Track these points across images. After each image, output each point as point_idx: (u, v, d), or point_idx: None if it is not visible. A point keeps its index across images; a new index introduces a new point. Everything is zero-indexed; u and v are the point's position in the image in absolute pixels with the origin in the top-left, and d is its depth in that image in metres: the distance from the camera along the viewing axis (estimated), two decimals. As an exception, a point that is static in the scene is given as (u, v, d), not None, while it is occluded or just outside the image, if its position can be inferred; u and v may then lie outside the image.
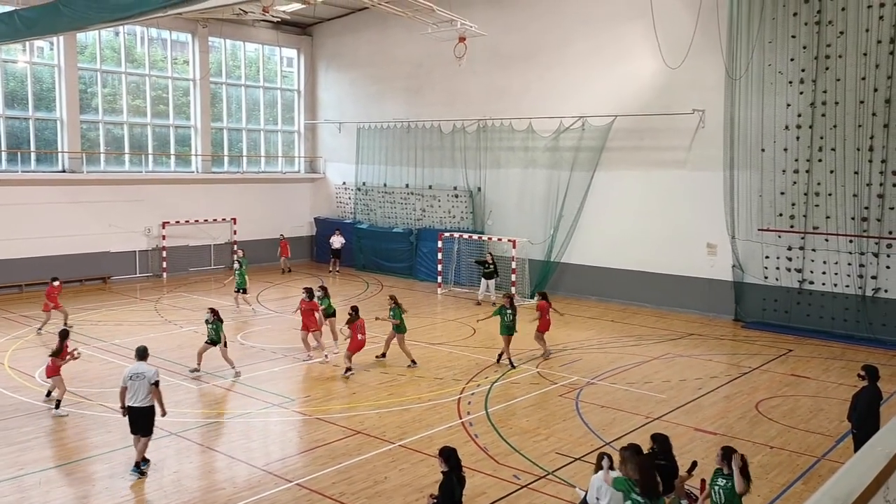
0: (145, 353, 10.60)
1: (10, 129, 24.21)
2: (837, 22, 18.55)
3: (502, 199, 25.76)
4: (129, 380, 10.14)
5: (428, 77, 27.65)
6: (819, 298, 19.35)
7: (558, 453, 11.05)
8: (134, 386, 10.12)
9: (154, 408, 10.28)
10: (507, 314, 15.77)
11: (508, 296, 16.72)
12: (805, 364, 16.51)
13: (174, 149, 28.51)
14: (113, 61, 26.73)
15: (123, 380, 10.22)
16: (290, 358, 16.36)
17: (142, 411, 10.15)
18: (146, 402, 10.15)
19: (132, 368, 10.28)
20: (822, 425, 12.49)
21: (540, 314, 16.60)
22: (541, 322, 16.58)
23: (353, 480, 10.03)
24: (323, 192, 32.38)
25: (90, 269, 25.27)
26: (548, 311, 16.66)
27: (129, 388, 10.14)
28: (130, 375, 10.17)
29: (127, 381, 10.16)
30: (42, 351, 16.50)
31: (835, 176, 18.85)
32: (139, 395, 10.11)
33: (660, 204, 22.06)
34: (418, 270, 27.40)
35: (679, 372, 15.69)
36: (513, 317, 15.81)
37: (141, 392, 10.11)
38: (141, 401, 10.11)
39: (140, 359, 10.46)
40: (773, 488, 9.95)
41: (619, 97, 22.51)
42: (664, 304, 22.12)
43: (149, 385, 10.14)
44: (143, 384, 10.12)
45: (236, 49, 30.51)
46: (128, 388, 10.15)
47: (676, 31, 20.05)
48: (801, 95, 19.20)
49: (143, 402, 10.12)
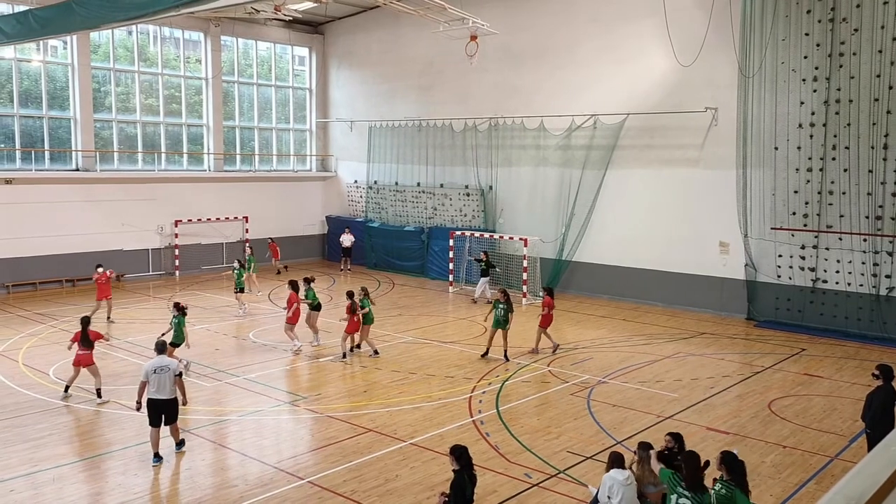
0: (164, 347, 11.07)
1: (25, 127, 24.41)
2: (852, 19, 18.40)
3: (514, 197, 25.74)
4: (153, 373, 10.43)
5: (439, 75, 27.65)
6: (833, 297, 19.22)
7: (569, 452, 11.03)
8: (158, 379, 10.43)
9: (177, 399, 10.70)
10: (499, 308, 15.92)
11: (503, 290, 16.79)
12: (818, 363, 16.40)
13: (187, 147, 28.66)
14: (126, 60, 26.89)
15: (145, 374, 10.48)
16: (301, 355, 16.42)
17: (168, 402, 10.53)
18: (171, 394, 10.54)
19: (155, 362, 10.56)
20: (835, 425, 12.40)
21: (545, 309, 16.61)
22: (542, 317, 16.60)
23: (364, 478, 10.05)
24: (334, 190, 32.45)
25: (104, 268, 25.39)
26: (551, 306, 16.63)
27: (152, 382, 10.42)
28: (154, 369, 10.46)
29: (150, 375, 10.43)
30: (56, 348, 16.65)
31: (849, 174, 18.71)
32: (164, 387, 10.45)
33: (672, 202, 21.98)
34: (429, 269, 27.42)
35: (691, 371, 15.63)
36: (504, 311, 15.87)
37: (166, 384, 10.46)
38: (167, 393, 10.49)
39: (160, 353, 10.81)
40: (785, 488, 9.90)
41: (631, 95, 22.42)
42: (676, 303, 22.03)
43: (173, 377, 10.55)
44: (168, 376, 10.49)
45: (248, 48, 30.61)
46: (150, 382, 10.43)
47: (689, 29, 19.97)
48: (814, 93, 19.07)
49: (169, 393, 10.51)
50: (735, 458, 7.34)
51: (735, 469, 7.24)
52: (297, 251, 30.90)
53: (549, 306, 16.68)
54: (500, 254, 25.50)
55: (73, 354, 13.23)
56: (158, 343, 11.07)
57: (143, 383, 10.51)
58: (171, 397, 10.56)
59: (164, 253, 27.20)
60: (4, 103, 23.99)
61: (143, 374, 10.56)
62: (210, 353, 16.41)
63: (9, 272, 23.32)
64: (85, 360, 13.05)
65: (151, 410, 10.50)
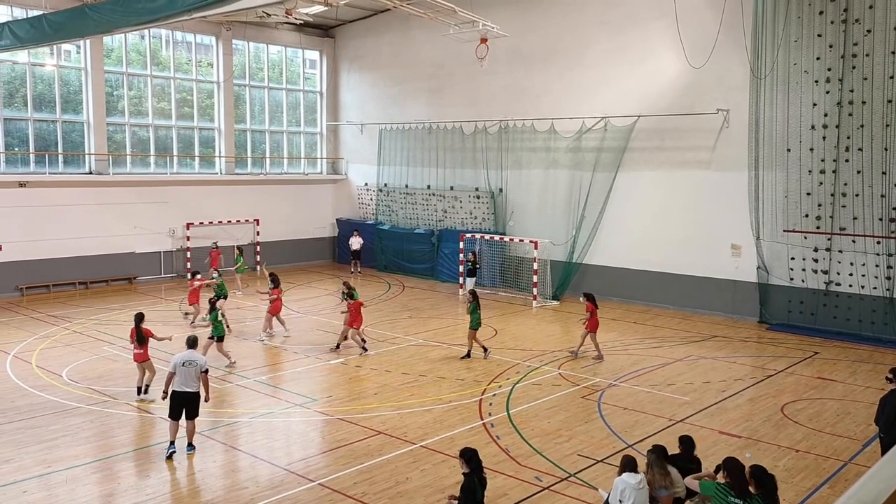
0: (195, 342, 11.44)
1: (39, 131, 24.61)
2: (864, 20, 18.28)
3: (524, 200, 25.71)
4: (182, 366, 10.68)
5: (449, 78, 27.68)
6: (846, 300, 19.08)
7: (580, 455, 11.00)
8: (185, 372, 10.67)
9: (199, 394, 10.90)
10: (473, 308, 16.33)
11: (472, 291, 17.24)
12: (831, 367, 16.28)
13: (198, 151, 28.80)
14: (139, 64, 27.07)
15: (174, 366, 10.72)
16: (313, 358, 16.46)
17: (191, 396, 10.75)
18: (195, 388, 10.78)
19: (184, 355, 10.83)
20: (848, 429, 12.31)
21: (589, 315, 16.46)
22: (588, 322, 16.46)
23: (374, 481, 10.06)
24: (345, 193, 32.53)
25: (116, 270, 25.63)
26: (595, 311, 16.51)
27: (179, 374, 10.67)
28: (182, 362, 10.72)
29: (178, 367, 10.68)
30: (69, 350, 16.78)
31: (862, 176, 18.58)
32: (190, 380, 10.70)
33: (683, 205, 21.90)
34: (440, 271, 27.42)
35: (703, 374, 15.55)
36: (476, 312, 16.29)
37: (192, 378, 10.72)
38: (191, 386, 10.73)
39: (190, 347, 11.15)
40: (798, 492, 9.83)
41: (641, 97, 22.36)
42: (687, 306, 21.94)
43: (199, 372, 10.81)
44: (195, 370, 10.75)
45: (259, 51, 30.75)
46: (177, 374, 10.66)
47: (700, 30, 19.90)
48: (827, 94, 18.95)
49: (193, 387, 10.75)
50: (765, 472, 7.26)
51: (765, 483, 7.17)
52: (307, 254, 30.99)
53: (592, 311, 16.44)
54: (510, 256, 25.52)
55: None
56: (190, 338, 11.40)
57: (170, 374, 10.76)
58: (195, 391, 10.78)
59: (176, 255, 27.33)
60: (19, 107, 24.19)
61: (171, 366, 10.80)
62: (220, 356, 16.46)
63: (23, 274, 23.50)
64: (138, 357, 13.37)
65: (174, 402, 10.71)
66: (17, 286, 23.41)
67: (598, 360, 16.34)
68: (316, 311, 19.95)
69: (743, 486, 7.08)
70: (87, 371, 15.16)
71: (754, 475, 7.20)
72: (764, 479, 7.18)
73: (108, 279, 25.35)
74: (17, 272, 23.38)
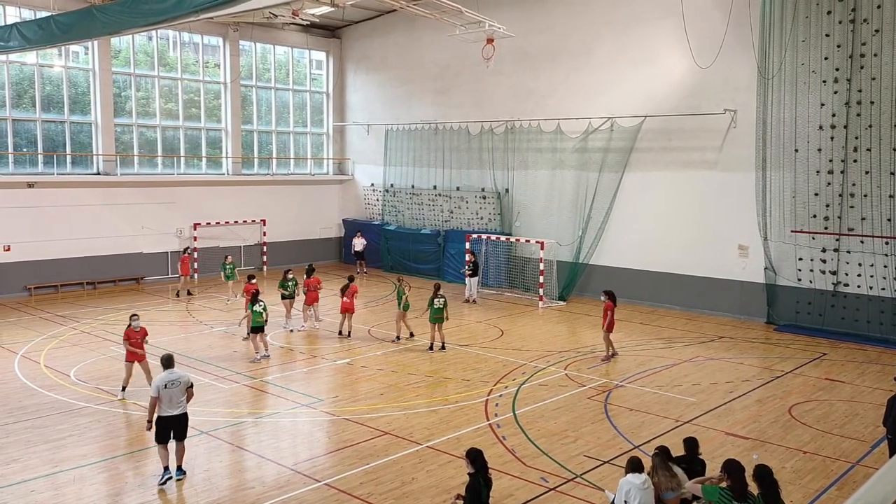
0: (172, 360, 10.26)
1: (47, 132, 24.72)
2: (873, 20, 18.20)
3: (530, 200, 25.68)
4: (164, 388, 9.81)
5: (455, 79, 27.68)
6: (854, 301, 18.99)
7: (587, 456, 10.98)
8: (169, 394, 9.85)
9: (187, 414, 10.13)
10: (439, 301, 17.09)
11: (437, 284, 17.92)
12: (839, 368, 16.21)
13: (205, 151, 28.88)
14: (146, 65, 27.16)
15: (156, 389, 9.81)
16: (318, 358, 16.49)
17: (178, 418, 9.97)
18: (182, 409, 10.00)
19: (165, 376, 9.91)
20: (856, 430, 12.25)
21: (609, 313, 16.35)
22: (605, 321, 16.40)
23: (380, 481, 10.07)
24: (351, 193, 32.57)
25: (124, 270, 25.71)
26: (613, 310, 16.42)
27: (163, 397, 9.81)
28: (165, 384, 9.84)
29: (161, 391, 9.79)
30: (77, 350, 16.85)
31: (870, 177, 18.50)
32: (175, 401, 9.90)
33: (690, 205, 21.84)
34: (446, 272, 27.42)
35: (710, 375, 15.50)
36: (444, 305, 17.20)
37: (177, 398, 9.92)
38: (178, 408, 9.94)
39: (167, 367, 10.08)
40: (806, 494, 9.79)
41: (648, 97, 22.32)
42: (694, 307, 21.88)
43: (185, 389, 10.02)
44: (179, 390, 9.97)
45: (266, 52, 30.81)
46: (161, 398, 9.81)
47: (707, 31, 19.85)
48: (835, 95, 18.87)
49: (180, 408, 9.97)
50: (766, 472, 7.19)
51: (766, 483, 7.11)
52: (313, 254, 31.00)
53: (610, 310, 16.35)
54: (516, 257, 25.49)
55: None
56: (166, 357, 10.22)
57: (153, 399, 9.80)
58: (183, 412, 9.99)
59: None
60: (27, 108, 24.30)
61: (153, 391, 9.84)
62: (228, 356, 16.52)
63: (31, 274, 23.61)
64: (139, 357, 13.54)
65: (160, 428, 9.87)
66: (25, 286, 23.52)
67: (605, 361, 16.30)
68: (321, 311, 19.97)
69: (743, 487, 7.05)
70: (94, 371, 15.22)
71: (756, 475, 7.17)
72: (765, 478, 7.14)
73: (116, 279, 25.44)
74: (25, 272, 23.49)
